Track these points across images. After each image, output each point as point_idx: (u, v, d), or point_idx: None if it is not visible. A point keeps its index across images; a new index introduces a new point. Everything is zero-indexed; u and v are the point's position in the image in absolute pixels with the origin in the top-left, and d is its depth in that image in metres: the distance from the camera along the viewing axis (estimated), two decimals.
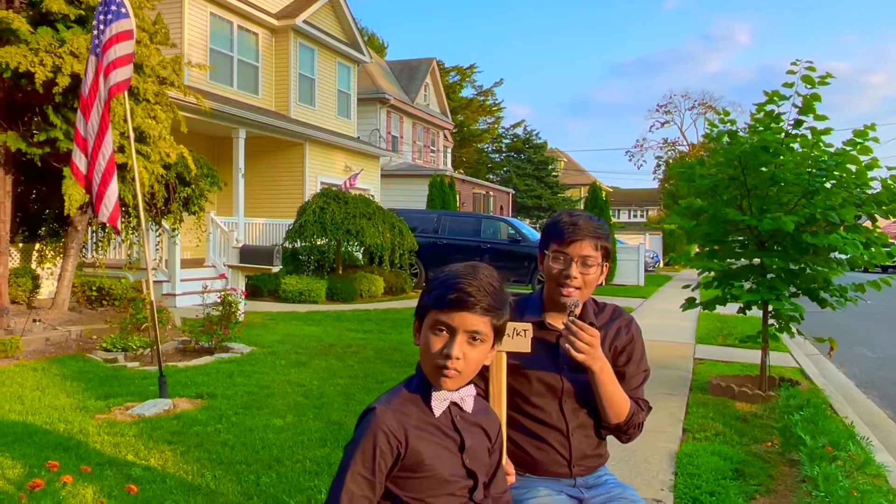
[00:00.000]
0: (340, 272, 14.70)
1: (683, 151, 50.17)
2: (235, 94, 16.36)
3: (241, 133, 15.27)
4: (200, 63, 9.92)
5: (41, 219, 10.31)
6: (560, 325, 2.01)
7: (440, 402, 1.52)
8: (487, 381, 1.95)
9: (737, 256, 6.55)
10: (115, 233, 5.69)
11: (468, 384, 1.56)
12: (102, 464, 3.97)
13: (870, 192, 5.99)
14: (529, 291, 2.09)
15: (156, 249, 11.39)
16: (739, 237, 6.52)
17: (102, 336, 8.16)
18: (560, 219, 2.07)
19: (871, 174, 5.90)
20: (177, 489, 3.59)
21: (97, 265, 10.73)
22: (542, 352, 2.07)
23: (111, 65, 5.15)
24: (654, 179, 58.04)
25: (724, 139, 6.16)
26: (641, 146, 58.76)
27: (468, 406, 1.57)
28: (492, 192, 30.70)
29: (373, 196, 19.02)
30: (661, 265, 33.57)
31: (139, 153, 7.81)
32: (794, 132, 6.09)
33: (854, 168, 5.87)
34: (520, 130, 45.33)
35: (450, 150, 35.29)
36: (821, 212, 5.68)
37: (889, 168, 5.88)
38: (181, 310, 10.77)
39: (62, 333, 8.26)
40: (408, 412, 1.50)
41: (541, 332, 2.08)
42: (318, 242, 14.06)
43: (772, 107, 6.11)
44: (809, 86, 5.93)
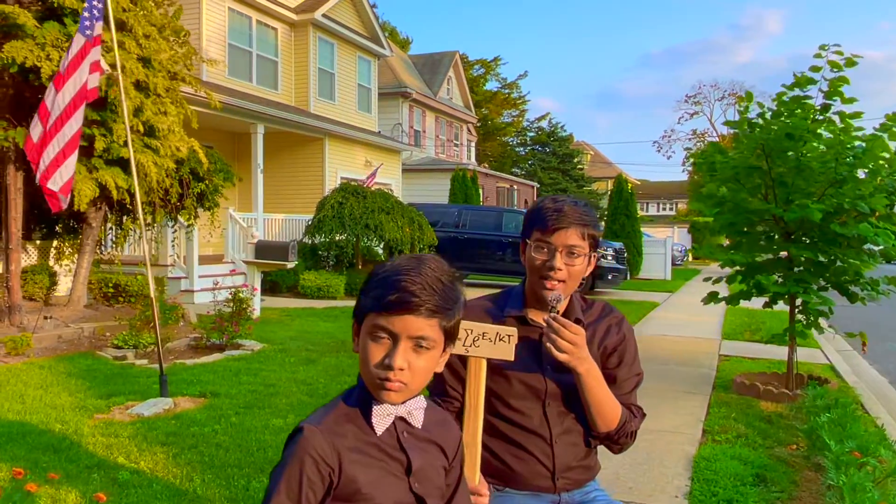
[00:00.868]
0: (360, 267, 14.57)
1: (713, 143, 49.27)
2: (255, 90, 16.30)
3: (260, 128, 15.20)
4: (212, 59, 9.82)
5: (57, 216, 10.31)
6: (542, 321, 1.80)
7: (382, 419, 1.31)
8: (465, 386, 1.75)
9: (762, 249, 6.24)
10: (56, 209, 5.57)
11: (416, 396, 1.34)
12: (91, 466, 3.84)
13: None
14: (515, 284, 1.82)
15: (172, 245, 11.35)
16: (765, 228, 6.21)
17: (115, 333, 8.10)
18: (543, 204, 1.86)
19: None
20: (162, 494, 3.45)
21: (113, 261, 10.70)
22: (524, 350, 1.86)
23: (92, 67, 5.04)
24: (683, 171, 57.22)
25: (745, 126, 5.85)
26: (670, 137, 57.98)
27: (417, 420, 1.35)
28: (516, 186, 30.39)
29: (392, 190, 18.88)
30: (690, 259, 33.00)
31: (149, 147, 7.74)
32: (821, 118, 5.77)
33: (886, 155, 5.54)
34: (545, 123, 44.88)
35: (473, 144, 35.03)
36: (849, 201, 5.36)
37: None
38: (199, 306, 10.71)
39: (75, 330, 8.23)
40: (343, 432, 1.28)
41: (523, 329, 1.87)
42: (337, 238, 13.95)
43: (797, 91, 5.79)
44: (836, 69, 5.61)
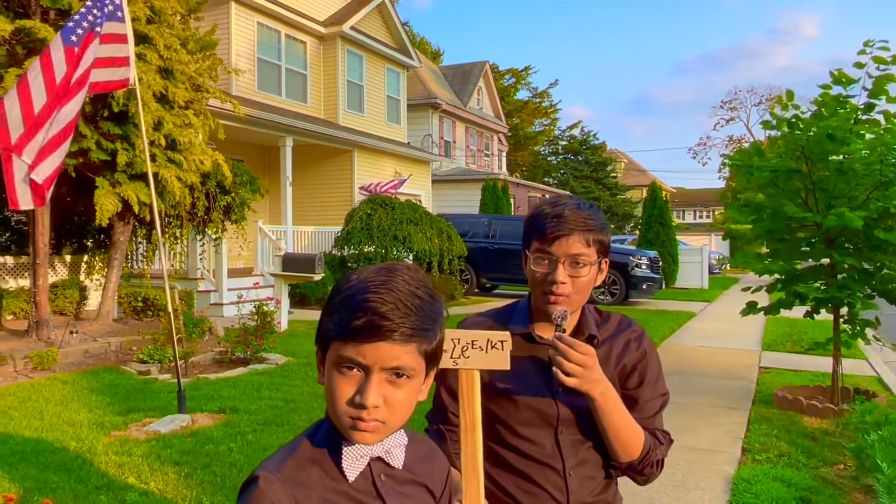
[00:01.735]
0: None
1: (753, 143, 48.38)
2: (284, 103, 16.35)
3: (289, 141, 15.22)
4: (237, 69, 9.80)
5: (86, 230, 10.39)
6: (549, 340, 1.61)
7: (355, 462, 1.08)
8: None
9: (803, 256, 5.93)
10: (39, 205, 5.28)
11: (394, 431, 1.10)
12: (100, 487, 3.73)
13: None
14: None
15: (200, 259, 11.34)
16: (805, 235, 5.90)
17: (142, 348, 8.07)
18: (541, 210, 1.65)
19: None
20: None
21: (143, 275, 10.74)
22: (532, 371, 1.66)
23: (97, 62, 4.96)
24: (720, 178, 56.27)
25: (784, 127, 5.56)
26: (706, 144, 57.13)
27: (397, 460, 1.12)
28: (548, 196, 30.08)
29: (421, 201, 18.77)
30: (728, 267, 32.26)
31: (172, 161, 7.71)
32: (865, 118, 5.46)
33: None
34: (577, 132, 44.46)
35: (504, 154, 34.83)
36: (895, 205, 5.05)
37: None
38: (228, 319, 10.67)
39: (101, 345, 8.22)
40: (306, 480, 1.06)
41: (530, 347, 1.68)
42: (366, 249, 13.85)
43: (839, 89, 5.49)
44: (882, 66, 5.30)
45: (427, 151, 22.76)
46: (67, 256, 10.78)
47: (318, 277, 10.26)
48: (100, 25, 4.99)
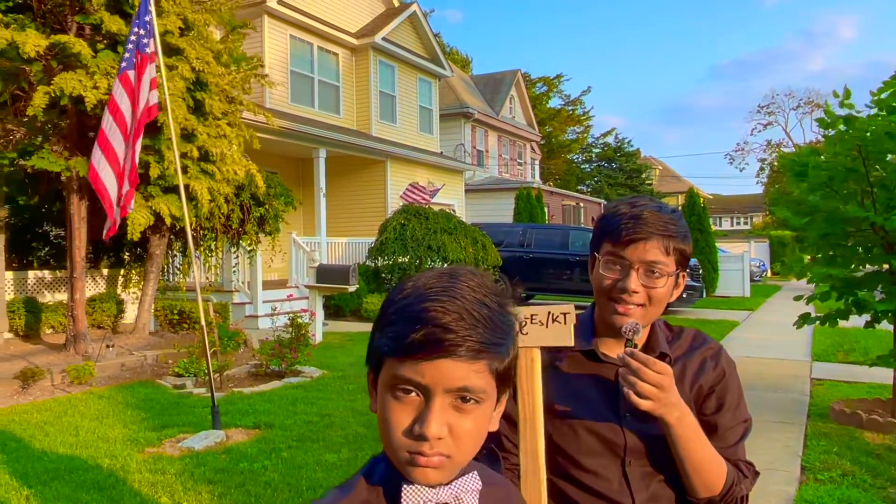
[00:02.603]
0: None
1: (809, 144, 47.45)
2: (316, 115, 16.37)
3: (322, 153, 15.22)
4: (269, 80, 9.78)
5: (122, 244, 10.43)
6: (618, 357, 1.42)
7: None
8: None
9: (859, 262, 5.63)
10: (118, 215, 5.67)
11: (466, 473, 0.92)
12: None
13: None
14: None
15: (233, 271, 11.33)
16: (862, 239, 5.60)
17: (177, 361, 8.03)
18: (617, 210, 1.46)
19: None
20: None
21: (179, 288, 10.75)
22: (595, 393, 1.47)
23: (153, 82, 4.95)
24: (758, 183, 55.23)
25: (840, 125, 5.28)
26: (743, 149, 56.17)
27: None
28: (582, 204, 29.72)
29: (454, 210, 18.62)
30: (769, 274, 31.51)
31: (205, 172, 7.67)
32: None
33: None
34: (610, 139, 44.01)
35: (537, 162, 34.56)
36: None
37: None
38: (263, 331, 10.62)
39: (138, 358, 8.20)
40: None
41: (592, 366, 1.49)
42: (400, 260, 13.74)
43: None
44: None
45: (460, 161, 22.64)
46: (105, 270, 10.85)
47: (353, 289, 10.16)
48: (147, 45, 4.96)
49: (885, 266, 5.43)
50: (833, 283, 5.58)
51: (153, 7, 4.99)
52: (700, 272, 15.96)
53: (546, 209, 22.56)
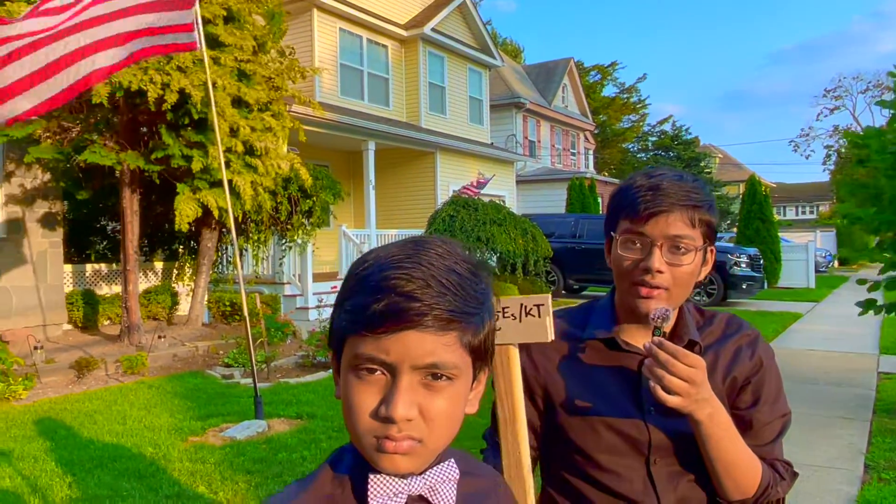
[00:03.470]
0: None
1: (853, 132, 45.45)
2: (366, 108, 16.40)
3: (371, 145, 15.25)
4: (315, 69, 9.76)
5: (175, 237, 10.65)
6: (642, 346, 1.28)
7: (386, 501, 0.79)
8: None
9: None
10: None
11: (441, 460, 0.82)
12: (171, 496, 3.64)
13: None
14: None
15: (280, 263, 11.42)
16: None
17: (227, 352, 8.13)
18: (633, 182, 1.31)
19: None
20: None
21: (229, 280, 10.92)
22: (616, 385, 1.34)
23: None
24: (825, 171, 53.17)
25: None
26: (808, 135, 54.16)
27: (446, 499, 0.82)
28: None
29: (505, 202, 18.42)
30: (836, 265, 30.32)
31: (249, 166, 7.72)
32: None
33: None
34: (667, 126, 42.95)
35: (591, 152, 33.99)
36: None
37: None
38: (313, 322, 10.70)
39: (189, 349, 8.34)
40: None
41: (613, 356, 1.36)
42: None
43: None
44: None
45: (511, 151, 22.40)
46: (159, 263, 11.09)
47: None
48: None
49: None
50: None
51: None
52: (761, 262, 15.41)
53: (600, 200, 22.15)
